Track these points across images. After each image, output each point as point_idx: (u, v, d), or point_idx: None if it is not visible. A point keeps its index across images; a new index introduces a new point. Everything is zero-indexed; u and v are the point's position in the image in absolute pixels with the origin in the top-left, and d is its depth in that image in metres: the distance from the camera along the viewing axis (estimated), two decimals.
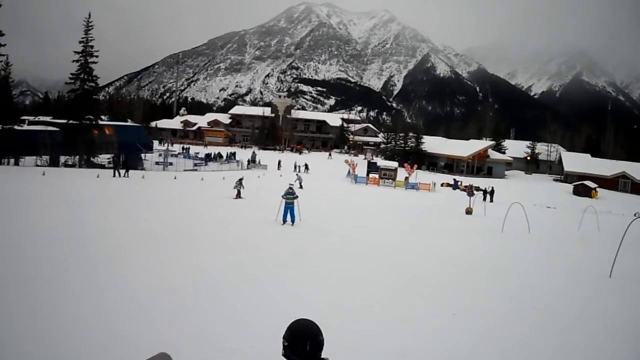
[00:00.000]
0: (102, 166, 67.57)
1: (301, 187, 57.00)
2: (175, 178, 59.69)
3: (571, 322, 14.56)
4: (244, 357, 10.09)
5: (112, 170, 56.24)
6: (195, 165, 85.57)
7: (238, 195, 43.13)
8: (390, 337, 12.05)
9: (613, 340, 13.36)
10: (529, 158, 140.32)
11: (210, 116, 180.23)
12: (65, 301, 12.55)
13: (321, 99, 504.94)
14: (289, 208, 29.73)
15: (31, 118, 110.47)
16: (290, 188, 30.48)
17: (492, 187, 69.51)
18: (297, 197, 30.14)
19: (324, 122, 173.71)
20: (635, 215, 51.40)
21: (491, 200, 63.72)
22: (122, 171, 56.24)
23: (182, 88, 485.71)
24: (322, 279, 17.22)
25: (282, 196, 30.19)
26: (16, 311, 11.58)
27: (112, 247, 19.64)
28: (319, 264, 19.70)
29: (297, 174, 70.08)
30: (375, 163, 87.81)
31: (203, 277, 16.28)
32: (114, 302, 12.79)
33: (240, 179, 44.78)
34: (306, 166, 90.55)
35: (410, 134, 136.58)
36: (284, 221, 29.74)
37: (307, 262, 19.86)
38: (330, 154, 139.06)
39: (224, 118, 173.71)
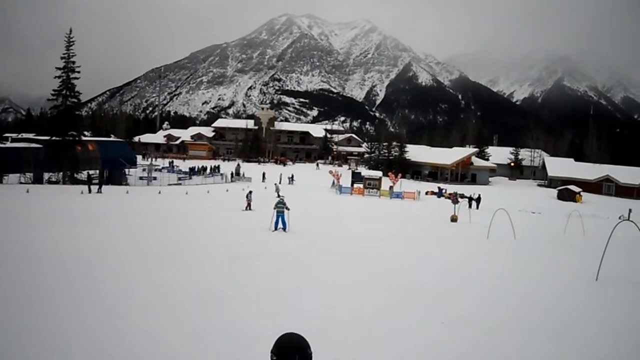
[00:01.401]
0: (85, 182, 67.40)
1: (279, 195, 57.30)
2: (159, 192, 59.52)
3: (559, 328, 14.58)
4: None
5: (94, 186, 55.74)
6: (179, 179, 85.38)
7: (248, 207, 45.14)
8: (381, 347, 12.02)
9: (602, 344, 13.39)
10: (512, 164, 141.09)
11: (194, 130, 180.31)
12: (51, 319, 12.45)
13: (304, 110, 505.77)
14: (280, 216, 32.33)
15: (14, 135, 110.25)
16: (281, 199, 33.48)
17: (479, 194, 69.89)
18: (287, 207, 32.62)
19: (307, 133, 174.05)
20: (620, 218, 51.67)
21: (477, 207, 63.99)
22: (95, 187, 55.54)
23: (164, 102, 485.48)
24: (310, 290, 17.17)
25: (274, 206, 32.82)
26: (5, 329, 11.48)
27: (109, 263, 19.55)
28: (306, 274, 19.66)
29: (275, 184, 71.70)
30: (360, 173, 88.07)
31: (191, 291, 16.22)
32: (108, 318, 12.72)
33: (250, 192, 47.76)
34: (291, 177, 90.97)
35: (394, 143, 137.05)
36: (275, 228, 32.18)
37: (294, 273, 19.82)
38: (317, 165, 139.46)
39: (207, 131, 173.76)
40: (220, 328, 12.64)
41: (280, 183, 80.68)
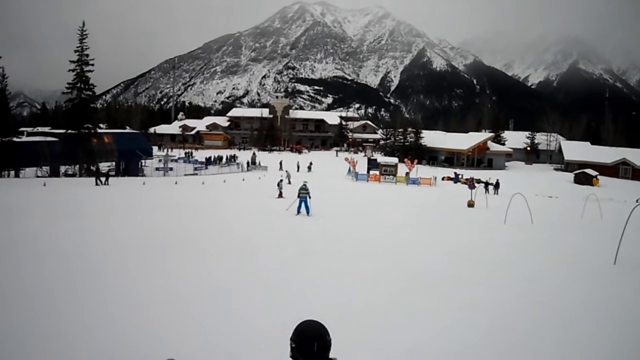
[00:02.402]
0: (103, 174, 67.65)
1: (290, 182, 61.19)
2: (176, 183, 59.70)
3: (577, 312, 14.50)
4: (250, 359, 10.07)
5: (103, 178, 55.66)
6: (195, 169, 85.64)
7: (280, 195, 46.60)
8: (397, 334, 12.00)
9: (619, 328, 13.29)
10: (528, 148, 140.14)
11: (209, 120, 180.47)
12: (69, 310, 12.51)
13: (319, 97, 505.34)
14: (303, 201, 34.45)
15: (30, 129, 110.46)
16: (304, 186, 35.13)
17: (497, 179, 69.73)
18: (309, 193, 34.73)
19: (322, 120, 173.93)
20: (637, 201, 51.25)
21: (496, 193, 63.90)
22: (103, 179, 55.60)
23: (179, 93, 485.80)
24: (327, 278, 17.16)
25: (298, 192, 34.99)
26: (19, 319, 11.56)
27: (130, 254, 19.64)
28: (322, 262, 19.66)
29: (285, 171, 73.91)
30: (376, 160, 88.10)
31: (210, 279, 16.29)
32: (122, 309, 12.78)
33: (281, 180, 50.33)
34: (310, 165, 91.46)
35: (409, 129, 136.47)
36: (298, 212, 34.39)
37: (310, 261, 19.82)
38: (337, 153, 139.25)
39: (223, 121, 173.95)
40: (239, 315, 12.69)
41: (298, 171, 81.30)
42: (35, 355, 9.96)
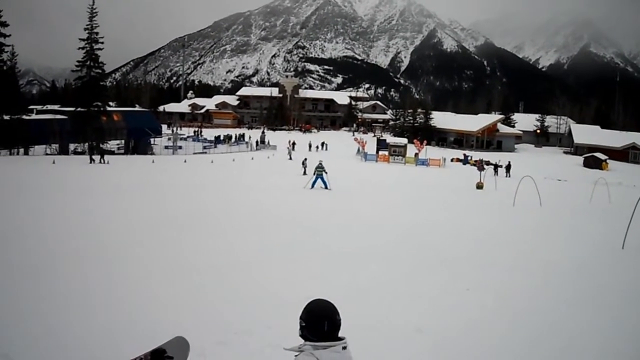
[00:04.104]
0: (111, 152, 67.79)
1: (291, 158, 69.55)
2: (185, 161, 59.83)
3: (586, 295, 14.50)
4: (260, 338, 10.12)
5: (98, 157, 55.33)
6: (204, 148, 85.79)
7: (305, 172, 49.39)
8: (406, 314, 12.04)
9: (629, 312, 13.31)
10: (538, 131, 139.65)
11: (218, 98, 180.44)
12: (78, 288, 12.61)
13: (328, 77, 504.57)
14: (319, 177, 38.46)
15: (39, 107, 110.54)
16: (320, 164, 39.31)
17: (509, 162, 69.65)
18: (324, 169, 38.81)
19: (332, 100, 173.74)
20: None
21: (508, 175, 63.85)
22: (98, 157, 55.31)
23: (188, 71, 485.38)
24: (336, 257, 17.20)
25: (314, 170, 39.39)
26: (25, 298, 11.64)
27: (143, 230, 19.75)
28: (330, 241, 19.68)
29: (287, 147, 79.64)
30: (385, 140, 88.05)
31: (222, 255, 16.38)
32: (134, 286, 12.87)
33: (305, 159, 53.64)
34: (323, 145, 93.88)
35: (419, 109, 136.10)
36: (313, 186, 37.89)
37: (319, 240, 19.86)
38: (354, 132, 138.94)
39: (232, 100, 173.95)
40: (246, 294, 12.75)
41: (310, 150, 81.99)
42: (70, 329, 10.04)
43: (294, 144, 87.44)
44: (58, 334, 9.78)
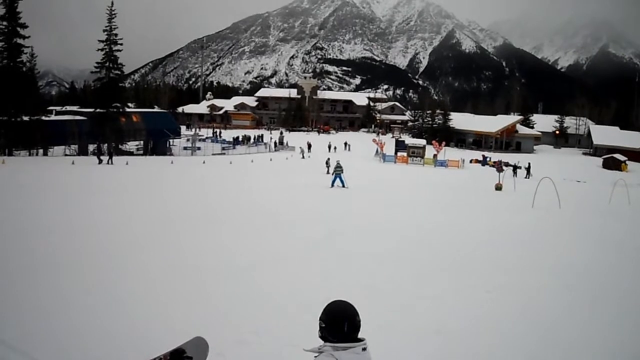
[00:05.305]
0: (130, 153, 68.12)
1: (303, 157, 75.74)
2: (204, 162, 60.03)
3: (607, 296, 14.44)
4: (276, 338, 10.11)
5: (107, 158, 55.25)
6: (223, 149, 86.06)
7: (328, 171, 51.56)
8: (425, 316, 12.03)
9: None
10: (557, 132, 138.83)
11: (237, 99, 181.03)
12: (95, 285, 12.67)
13: (347, 78, 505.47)
14: (338, 176, 40.26)
15: (58, 108, 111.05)
16: (338, 164, 40.92)
17: (529, 163, 69.47)
18: (342, 169, 40.53)
19: (350, 101, 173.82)
20: None
21: (528, 176, 63.63)
22: (106, 158, 55.27)
23: (207, 73, 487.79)
24: (354, 258, 17.22)
25: (334, 170, 41.32)
26: (33, 293, 11.71)
27: (162, 229, 19.83)
28: (349, 241, 19.73)
29: (300, 147, 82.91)
30: (403, 141, 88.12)
31: (238, 253, 16.43)
32: (152, 283, 12.91)
33: (328, 158, 57.02)
34: (346, 145, 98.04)
35: (438, 111, 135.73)
36: (332, 185, 39.84)
37: (338, 241, 19.88)
38: (378, 133, 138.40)
39: (251, 101, 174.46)
40: (264, 294, 12.77)
41: (330, 151, 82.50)
42: (95, 322, 10.08)
43: (309, 144, 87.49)
44: (59, 334, 9.85)
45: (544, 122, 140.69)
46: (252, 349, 9.60)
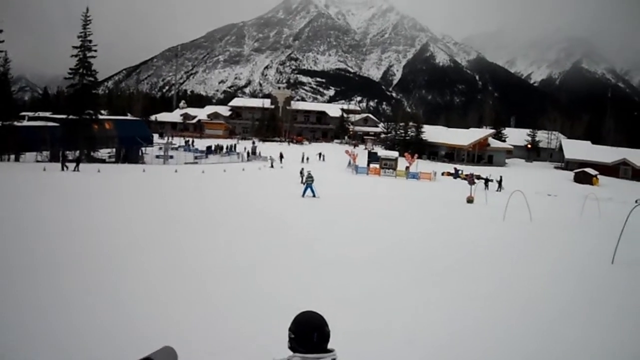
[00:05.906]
0: (102, 160, 67.62)
1: (272, 166, 77.01)
2: (176, 171, 59.69)
3: (575, 310, 14.61)
4: (245, 351, 10.11)
5: (73, 165, 54.57)
6: (195, 158, 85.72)
7: (302, 181, 49.26)
8: (396, 325, 12.07)
9: (618, 327, 13.38)
10: (529, 146, 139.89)
11: (210, 109, 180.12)
12: (77, 291, 12.59)
13: (321, 89, 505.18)
14: (309, 186, 40.62)
15: (31, 114, 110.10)
16: (309, 174, 42.07)
17: (501, 176, 70.12)
18: (313, 179, 41.18)
19: (323, 112, 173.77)
20: (636, 202, 51.05)
21: (499, 190, 64.23)
22: (72, 165, 54.44)
23: (181, 81, 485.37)
24: (326, 268, 17.27)
25: (304, 180, 42.42)
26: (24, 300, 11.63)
27: (136, 234, 19.70)
28: (321, 251, 19.77)
29: (269, 156, 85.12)
30: (376, 153, 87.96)
31: (215, 261, 16.41)
32: (134, 289, 12.85)
33: (302, 169, 57.15)
34: (320, 156, 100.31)
35: (411, 123, 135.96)
36: (303, 195, 40.12)
37: (308, 251, 19.95)
38: (354, 146, 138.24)
39: (224, 110, 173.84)
40: (237, 302, 12.74)
41: (303, 162, 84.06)
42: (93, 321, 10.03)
43: (281, 155, 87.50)
44: (59, 334, 9.83)
45: (516, 136, 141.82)
46: None
